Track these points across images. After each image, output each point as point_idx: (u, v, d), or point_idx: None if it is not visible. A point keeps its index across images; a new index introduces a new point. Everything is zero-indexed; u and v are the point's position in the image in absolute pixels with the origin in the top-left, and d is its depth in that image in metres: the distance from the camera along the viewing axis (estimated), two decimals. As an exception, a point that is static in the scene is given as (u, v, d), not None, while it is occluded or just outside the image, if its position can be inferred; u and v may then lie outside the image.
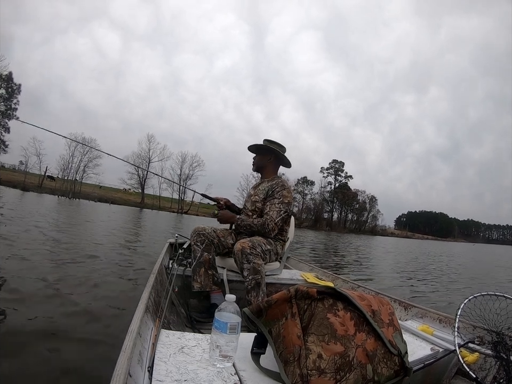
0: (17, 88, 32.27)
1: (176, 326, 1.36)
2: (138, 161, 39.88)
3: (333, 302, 0.78)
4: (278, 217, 1.79)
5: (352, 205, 58.98)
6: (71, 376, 1.30)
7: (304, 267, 2.38)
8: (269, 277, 1.84)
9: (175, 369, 0.74)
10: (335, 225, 55.42)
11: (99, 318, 1.90)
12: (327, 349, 0.71)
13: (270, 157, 1.96)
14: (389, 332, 0.83)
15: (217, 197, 2.00)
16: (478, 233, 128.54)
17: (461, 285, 5.69)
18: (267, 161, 1.97)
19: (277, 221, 1.78)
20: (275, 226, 1.78)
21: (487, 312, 1.12)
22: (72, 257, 3.53)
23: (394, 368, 0.79)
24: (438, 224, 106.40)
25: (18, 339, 1.51)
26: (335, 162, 60.75)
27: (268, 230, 1.76)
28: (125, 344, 0.71)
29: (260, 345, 0.80)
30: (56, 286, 2.39)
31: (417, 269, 7.60)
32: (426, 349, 1.08)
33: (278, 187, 1.85)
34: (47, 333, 1.61)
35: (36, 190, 29.06)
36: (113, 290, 2.50)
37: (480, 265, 11.88)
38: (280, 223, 1.81)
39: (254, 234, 1.79)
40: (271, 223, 1.76)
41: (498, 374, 1.00)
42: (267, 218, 1.78)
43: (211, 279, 1.70)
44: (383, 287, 4.13)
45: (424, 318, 1.36)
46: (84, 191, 33.36)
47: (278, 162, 2.01)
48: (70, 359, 1.40)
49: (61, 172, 36.19)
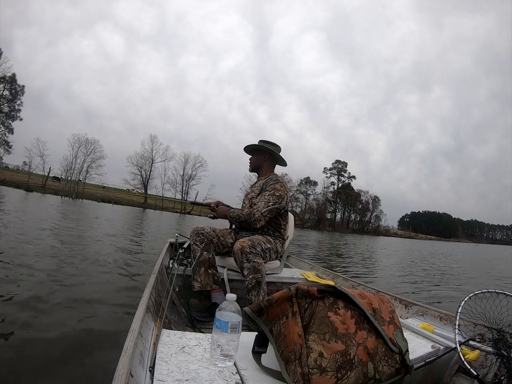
0: (21, 89, 32.56)
1: (177, 325, 1.36)
2: (141, 162, 40.44)
3: (333, 300, 0.78)
4: (265, 208, 1.80)
5: (355, 205, 58.96)
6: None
7: (305, 266, 2.38)
8: (269, 275, 1.84)
9: (177, 368, 0.74)
10: (338, 225, 55.43)
11: (99, 318, 1.91)
12: (328, 348, 0.71)
13: (264, 156, 2.02)
14: (390, 330, 0.83)
15: (208, 201, 2.10)
16: (482, 234, 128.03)
17: (462, 282, 5.70)
18: (262, 160, 2.02)
19: (263, 211, 1.79)
20: (261, 216, 1.78)
21: (487, 309, 1.12)
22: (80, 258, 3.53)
23: (395, 366, 0.79)
24: (442, 224, 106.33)
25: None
26: (338, 162, 60.77)
27: (253, 219, 1.78)
28: (126, 344, 0.71)
29: (261, 344, 0.80)
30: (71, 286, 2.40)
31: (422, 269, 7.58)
32: (427, 346, 1.09)
33: (271, 181, 1.89)
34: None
35: (40, 191, 29.13)
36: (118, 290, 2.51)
37: (481, 264, 11.88)
38: (267, 214, 1.81)
39: (243, 225, 1.85)
40: (257, 213, 1.78)
41: (499, 371, 1.00)
42: (253, 209, 1.81)
43: (211, 278, 1.70)
44: (388, 287, 4.13)
45: (424, 315, 1.36)
46: (87, 192, 33.39)
47: (273, 161, 2.06)
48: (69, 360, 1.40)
49: (64, 172, 36.52)
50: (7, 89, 31.58)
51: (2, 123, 32.01)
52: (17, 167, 43.28)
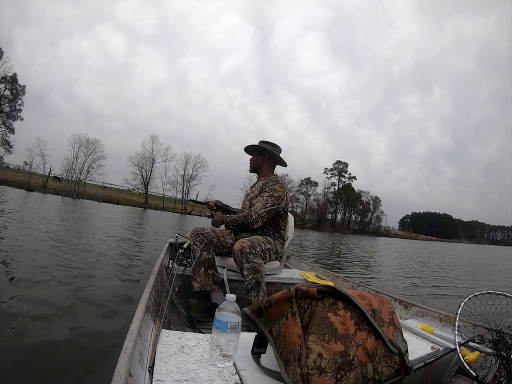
0: (22, 89, 32.58)
1: (176, 325, 1.36)
2: (142, 162, 40.54)
3: (333, 301, 0.78)
4: (263, 209, 1.80)
5: (355, 206, 58.68)
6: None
7: (304, 266, 2.38)
8: (269, 276, 1.84)
9: (176, 369, 0.74)
10: (338, 226, 55.18)
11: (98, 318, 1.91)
12: (328, 348, 0.71)
13: (264, 157, 2.02)
14: (389, 330, 0.83)
15: (207, 200, 2.10)
16: (483, 235, 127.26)
17: (462, 283, 5.69)
18: (262, 161, 2.02)
19: (260, 212, 1.79)
20: (258, 217, 1.79)
21: (487, 310, 1.12)
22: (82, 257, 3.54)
23: (394, 367, 0.79)
24: (442, 225, 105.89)
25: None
26: (338, 163, 60.36)
27: (250, 221, 1.78)
28: (125, 344, 0.71)
29: (260, 345, 0.80)
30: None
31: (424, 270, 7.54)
32: (427, 347, 1.08)
33: (270, 182, 1.89)
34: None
35: (40, 190, 29.18)
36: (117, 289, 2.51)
37: (482, 265, 11.86)
38: (265, 215, 1.81)
39: (241, 228, 1.85)
40: (254, 214, 1.78)
41: (499, 372, 1.00)
42: (251, 210, 1.82)
43: (211, 278, 1.70)
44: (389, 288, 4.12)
45: (424, 316, 1.36)
46: (88, 192, 33.45)
47: (273, 162, 2.06)
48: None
49: (65, 172, 36.49)
50: (8, 89, 31.72)
51: (3, 123, 32.15)
52: (18, 167, 43.35)
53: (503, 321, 1.08)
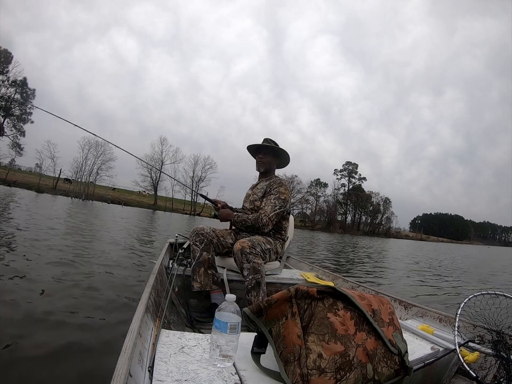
0: (32, 93, 33.16)
1: (176, 326, 1.36)
2: (151, 164, 40.82)
3: (333, 301, 0.78)
4: (272, 212, 1.80)
5: (366, 207, 58.31)
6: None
7: (304, 266, 2.38)
8: (269, 276, 1.84)
9: (176, 369, 0.74)
10: (348, 227, 54.95)
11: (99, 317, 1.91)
12: (327, 349, 0.71)
13: (277, 159, 2.04)
14: (389, 331, 0.83)
15: (216, 199, 2.07)
16: (495, 236, 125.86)
17: (463, 284, 5.66)
18: (274, 163, 2.05)
19: (271, 215, 1.80)
20: (269, 221, 1.79)
21: (487, 311, 1.12)
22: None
23: (394, 367, 0.79)
24: (453, 226, 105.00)
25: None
26: (348, 164, 59.86)
27: (261, 224, 1.78)
28: (125, 344, 0.71)
29: (260, 345, 0.80)
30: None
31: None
32: (427, 348, 1.08)
33: (275, 184, 1.89)
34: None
35: (50, 192, 29.42)
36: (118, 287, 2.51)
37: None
38: (274, 218, 1.82)
39: (250, 230, 1.83)
40: (265, 218, 1.78)
41: (499, 373, 1.00)
42: (261, 213, 1.81)
43: (211, 278, 1.70)
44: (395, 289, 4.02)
45: (424, 317, 1.36)
46: (97, 193, 33.60)
47: (278, 164, 2.10)
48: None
49: (74, 174, 36.89)
50: (18, 93, 32.23)
51: (14, 126, 32.68)
52: (30, 169, 44.06)
53: (503, 321, 1.08)
